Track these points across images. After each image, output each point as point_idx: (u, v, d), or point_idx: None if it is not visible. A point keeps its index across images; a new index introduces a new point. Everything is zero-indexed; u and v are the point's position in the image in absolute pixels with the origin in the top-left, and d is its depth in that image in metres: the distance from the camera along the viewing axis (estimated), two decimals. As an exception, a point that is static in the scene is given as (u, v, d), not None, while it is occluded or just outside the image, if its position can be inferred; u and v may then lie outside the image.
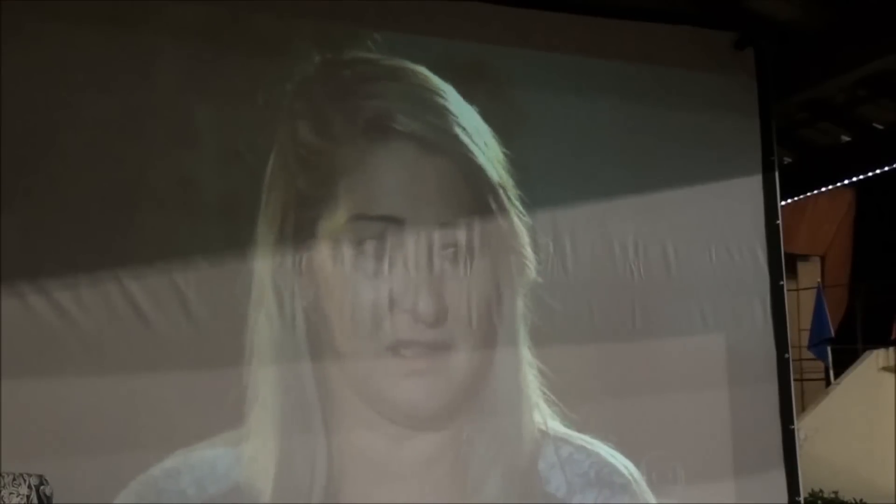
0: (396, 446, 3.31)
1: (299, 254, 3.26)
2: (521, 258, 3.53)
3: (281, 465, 3.17)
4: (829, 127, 5.52)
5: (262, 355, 3.21)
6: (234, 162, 3.30)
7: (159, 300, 3.16)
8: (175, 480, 3.08)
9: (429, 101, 3.42)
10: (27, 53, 3.11)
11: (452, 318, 3.27)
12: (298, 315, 3.23)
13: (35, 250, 3.05)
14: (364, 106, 3.33)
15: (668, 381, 3.87)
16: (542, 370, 3.48)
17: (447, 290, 3.27)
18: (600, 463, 3.51)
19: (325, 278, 3.26)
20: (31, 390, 2.97)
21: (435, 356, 3.28)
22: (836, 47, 4.38)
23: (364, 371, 3.29)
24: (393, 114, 3.30)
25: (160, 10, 3.31)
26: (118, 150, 3.19)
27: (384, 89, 3.41)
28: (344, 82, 3.41)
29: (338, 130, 3.30)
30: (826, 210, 10.16)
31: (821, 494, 6.70)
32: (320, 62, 3.42)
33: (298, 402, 3.21)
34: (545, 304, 3.60)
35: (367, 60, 3.49)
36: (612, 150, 3.94)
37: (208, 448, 3.13)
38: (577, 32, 3.99)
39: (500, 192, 3.46)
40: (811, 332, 8.52)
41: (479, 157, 3.38)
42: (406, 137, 3.28)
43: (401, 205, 3.27)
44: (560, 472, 3.43)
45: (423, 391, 3.28)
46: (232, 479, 3.14)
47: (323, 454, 3.21)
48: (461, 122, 3.40)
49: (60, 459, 2.87)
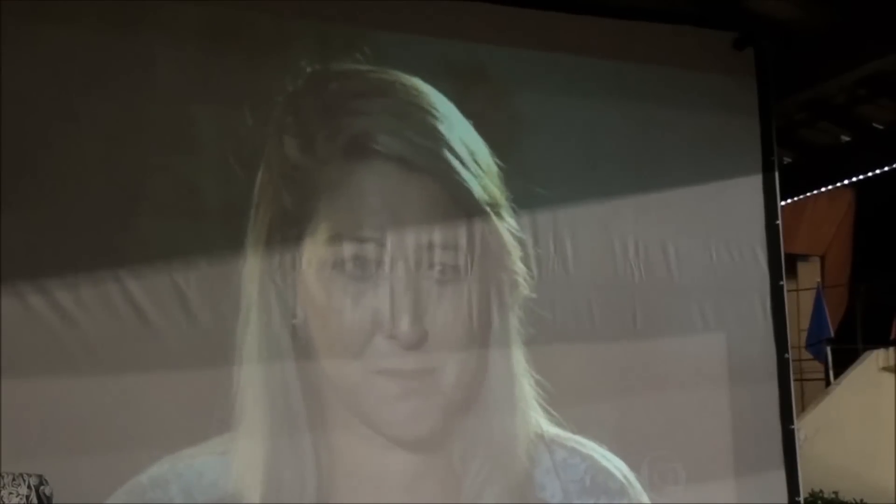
0: (387, 459, 3.28)
1: (285, 272, 3.23)
2: (513, 275, 3.49)
3: (269, 476, 3.14)
4: (828, 127, 5.52)
5: (251, 366, 3.19)
6: (232, 165, 3.28)
7: (159, 301, 3.16)
8: (163, 490, 3.05)
9: (416, 118, 3.36)
10: (27, 54, 3.10)
11: (437, 340, 3.23)
12: (285, 333, 3.21)
13: (35, 251, 3.05)
14: (347, 124, 3.28)
15: (668, 381, 3.87)
16: (540, 373, 3.46)
17: (430, 312, 3.22)
18: (595, 468, 3.50)
19: (310, 298, 3.23)
20: (32, 390, 2.96)
21: (420, 379, 3.25)
22: (835, 47, 4.38)
23: (350, 390, 3.26)
24: (374, 134, 3.24)
25: (158, 10, 3.30)
26: (117, 150, 3.19)
27: (369, 106, 3.34)
28: (330, 96, 3.36)
29: (319, 148, 3.25)
30: (826, 210, 10.15)
31: (821, 495, 6.70)
32: (309, 74, 3.39)
33: (288, 413, 3.19)
34: (544, 305, 3.59)
35: (357, 73, 3.44)
36: (612, 150, 3.94)
37: (196, 456, 3.11)
38: (576, 32, 3.99)
39: (489, 210, 3.41)
40: (809, 332, 8.51)
41: (467, 176, 3.32)
42: (387, 158, 3.23)
43: (381, 227, 3.23)
44: (555, 477, 3.42)
45: (410, 413, 3.25)
46: (220, 489, 3.11)
47: (312, 465, 3.19)
48: (450, 140, 3.34)
49: (60, 459, 2.87)
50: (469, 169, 3.34)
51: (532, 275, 3.57)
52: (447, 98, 3.47)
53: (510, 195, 3.52)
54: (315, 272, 3.22)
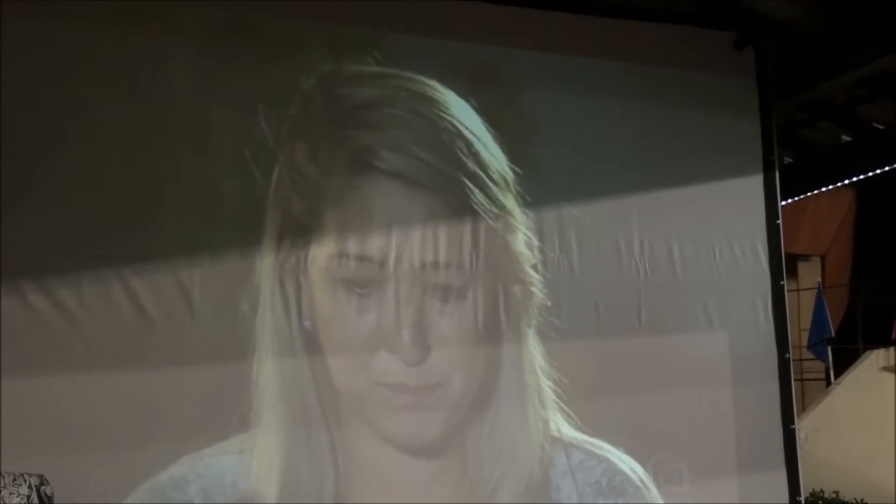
0: (402, 463, 3.30)
1: (297, 274, 3.24)
2: (525, 284, 3.49)
3: (287, 477, 3.16)
4: (829, 127, 5.53)
5: (266, 367, 3.20)
6: (244, 165, 3.29)
7: (163, 299, 3.16)
8: (182, 489, 3.07)
9: (424, 133, 3.34)
10: (36, 53, 3.11)
11: (442, 355, 3.23)
12: (300, 334, 3.22)
13: (38, 250, 3.05)
14: (352, 137, 3.27)
15: (672, 380, 3.88)
16: (557, 377, 3.47)
17: (434, 329, 3.22)
18: (612, 470, 3.50)
19: (317, 306, 3.24)
20: (33, 389, 2.97)
21: (426, 393, 3.24)
22: (836, 47, 4.38)
23: (357, 398, 3.27)
24: (377, 150, 3.23)
25: (171, 11, 3.30)
26: (121, 149, 3.19)
27: (377, 118, 3.32)
28: (339, 103, 3.35)
29: (325, 159, 3.25)
30: (826, 210, 10.13)
31: (821, 494, 6.69)
32: (321, 76, 3.38)
33: (305, 413, 3.20)
34: (549, 304, 3.59)
35: (368, 77, 3.43)
36: (615, 149, 3.94)
37: (216, 455, 3.12)
38: (577, 33, 4.00)
39: (498, 221, 3.39)
40: (811, 332, 8.50)
41: (473, 189, 3.31)
42: (391, 175, 3.22)
43: (384, 245, 3.21)
44: (571, 480, 3.42)
45: (418, 424, 3.26)
46: (239, 490, 3.13)
47: (329, 468, 3.21)
48: (457, 151, 3.33)
49: (61, 459, 2.86)
50: (476, 182, 3.33)
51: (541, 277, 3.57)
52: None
53: (524, 201, 3.52)
54: (320, 283, 3.23)
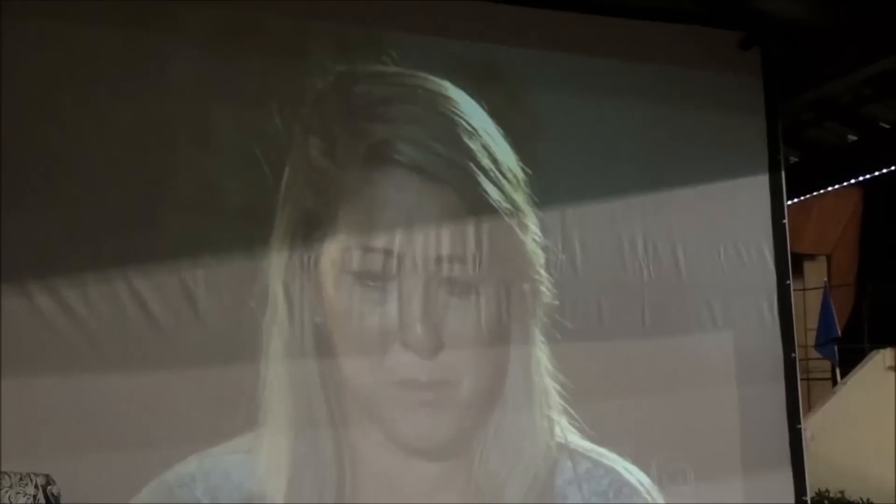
0: (408, 465, 3.29)
1: (309, 271, 3.25)
2: (535, 283, 3.49)
3: (293, 479, 3.16)
4: (835, 126, 5.50)
5: (274, 366, 3.19)
6: (252, 166, 3.28)
7: (169, 299, 3.16)
8: (189, 488, 3.07)
9: (438, 127, 3.34)
10: (39, 53, 3.11)
11: (453, 350, 3.22)
12: (309, 332, 3.22)
13: (42, 249, 3.06)
14: (369, 130, 3.26)
15: (676, 380, 3.87)
16: (560, 377, 3.46)
17: (446, 323, 3.21)
18: (619, 482, 3.48)
19: (329, 301, 3.24)
20: (39, 389, 2.97)
21: (436, 390, 3.23)
22: (842, 47, 4.37)
23: (368, 397, 3.26)
24: (395, 142, 3.23)
25: (177, 10, 3.30)
26: (126, 150, 3.20)
27: (394, 113, 3.33)
28: (354, 99, 3.35)
29: (340, 153, 3.25)
30: (833, 210, 10.13)
31: (827, 494, 6.70)
32: (336, 75, 3.39)
33: (311, 417, 3.20)
34: (559, 309, 3.59)
35: (382, 76, 3.43)
36: (620, 149, 3.93)
37: (223, 454, 3.13)
38: (582, 32, 3.99)
39: (511, 219, 3.39)
40: (818, 332, 8.50)
41: (487, 186, 3.30)
42: (407, 168, 3.23)
43: (398, 238, 3.21)
44: (577, 489, 3.41)
45: (429, 423, 3.24)
46: (245, 490, 3.13)
47: (335, 469, 3.20)
48: (472, 148, 3.32)
49: (67, 459, 2.86)
50: (490, 178, 3.33)
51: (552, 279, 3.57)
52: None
53: (536, 200, 3.52)
54: (333, 277, 3.23)
